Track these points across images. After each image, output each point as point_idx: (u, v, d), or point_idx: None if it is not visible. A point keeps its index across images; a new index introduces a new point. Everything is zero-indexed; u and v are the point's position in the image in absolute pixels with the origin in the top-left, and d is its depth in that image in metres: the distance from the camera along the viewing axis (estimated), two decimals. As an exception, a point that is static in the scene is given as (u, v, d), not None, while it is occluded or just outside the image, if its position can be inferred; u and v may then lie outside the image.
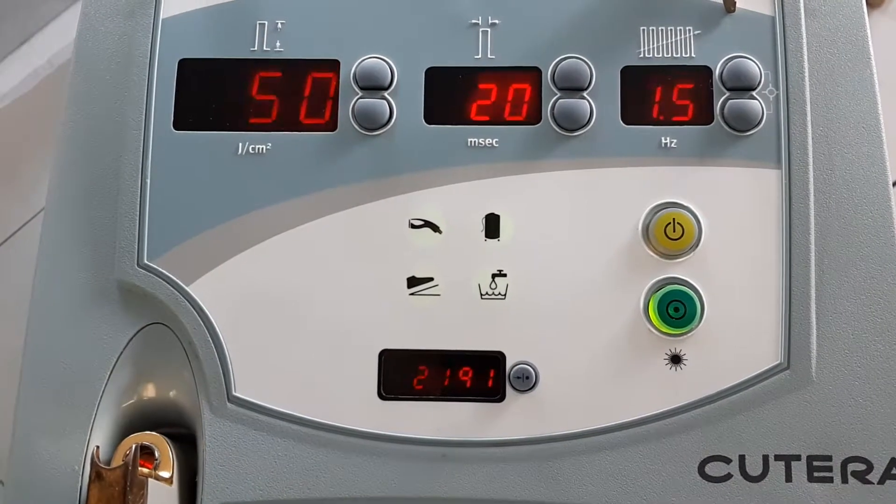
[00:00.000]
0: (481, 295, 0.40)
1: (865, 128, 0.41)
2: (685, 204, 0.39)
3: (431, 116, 0.41)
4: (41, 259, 0.41)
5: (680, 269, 0.39)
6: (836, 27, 0.42)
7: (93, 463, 0.36)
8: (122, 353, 0.40)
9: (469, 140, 0.41)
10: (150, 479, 0.36)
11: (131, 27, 0.43)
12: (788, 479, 0.37)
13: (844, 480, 0.37)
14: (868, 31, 0.43)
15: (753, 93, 0.40)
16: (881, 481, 0.37)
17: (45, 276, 0.41)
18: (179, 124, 0.41)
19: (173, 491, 0.38)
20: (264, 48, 0.42)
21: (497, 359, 0.39)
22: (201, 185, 0.40)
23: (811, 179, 0.39)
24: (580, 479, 0.38)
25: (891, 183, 0.41)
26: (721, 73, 0.40)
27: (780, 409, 0.38)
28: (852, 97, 0.41)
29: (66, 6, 1.44)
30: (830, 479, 0.37)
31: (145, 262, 0.40)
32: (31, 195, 1.35)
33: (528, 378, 0.39)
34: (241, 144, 0.41)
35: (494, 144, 0.40)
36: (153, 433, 0.39)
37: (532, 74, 0.41)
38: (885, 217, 0.40)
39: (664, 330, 0.39)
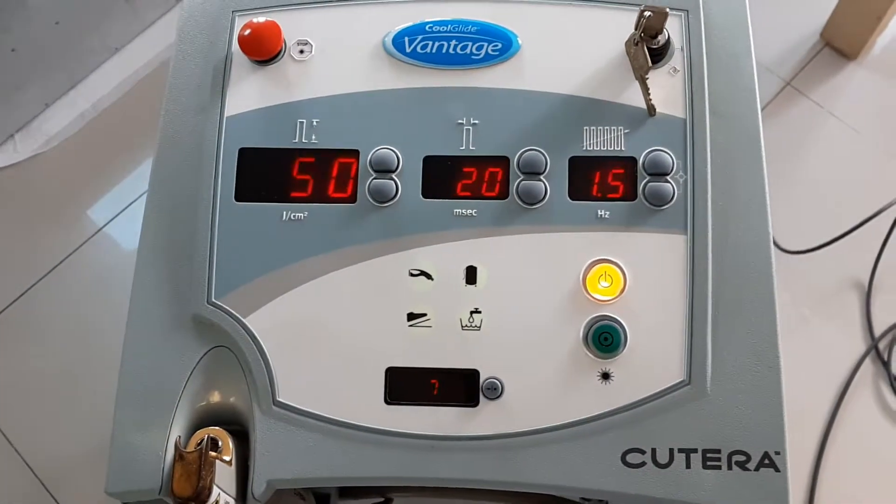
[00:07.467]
0: (462, 327, 0.52)
1: (755, 204, 0.52)
2: (615, 260, 0.52)
3: (427, 192, 0.53)
4: (135, 295, 0.54)
5: (610, 310, 0.51)
6: (733, 123, 0.53)
7: (176, 448, 0.49)
8: (194, 368, 0.53)
9: (455, 210, 0.53)
10: (216, 461, 0.49)
11: (202, 121, 0.55)
12: (688, 466, 0.49)
13: (730, 468, 0.49)
14: (760, 124, 0.54)
15: (667, 177, 0.52)
16: (757, 469, 0.49)
17: (138, 308, 0.54)
18: (239, 197, 0.54)
19: (232, 471, 0.51)
20: (303, 140, 0.54)
21: (473, 375, 0.51)
22: (255, 244, 0.53)
23: (710, 244, 0.51)
24: (533, 465, 0.50)
25: (772, 247, 0.53)
26: (643, 162, 0.52)
27: (683, 414, 0.50)
28: (745, 180, 0.53)
29: (108, 56, 1.58)
30: (719, 467, 0.49)
31: (213, 300, 0.53)
32: (72, 231, 1.47)
33: (496, 389, 0.51)
34: (284, 213, 0.53)
35: (474, 214, 0.53)
36: (218, 428, 0.51)
37: (503, 162, 0.53)
38: (766, 274, 0.51)
39: (597, 354, 0.51)
